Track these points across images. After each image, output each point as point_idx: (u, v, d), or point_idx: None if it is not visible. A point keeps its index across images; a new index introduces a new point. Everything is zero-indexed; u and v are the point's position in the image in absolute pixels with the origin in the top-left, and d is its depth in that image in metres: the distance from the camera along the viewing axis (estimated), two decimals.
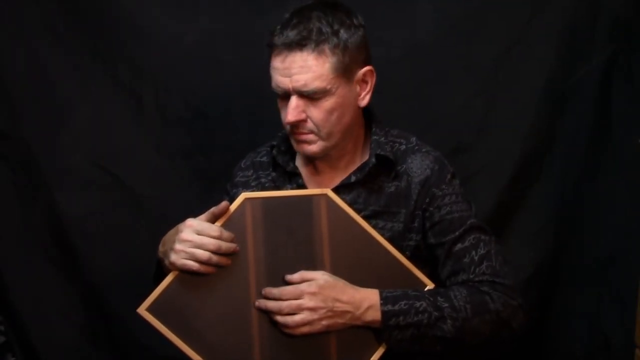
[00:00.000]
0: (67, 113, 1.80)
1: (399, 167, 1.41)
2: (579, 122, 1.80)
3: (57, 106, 1.80)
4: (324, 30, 1.30)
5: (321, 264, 1.28)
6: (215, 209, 1.24)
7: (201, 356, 1.21)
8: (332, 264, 1.29)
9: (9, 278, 1.78)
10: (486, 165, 1.82)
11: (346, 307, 1.25)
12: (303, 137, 1.35)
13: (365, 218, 1.34)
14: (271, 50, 1.33)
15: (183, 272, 1.22)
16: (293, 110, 1.32)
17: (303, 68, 1.29)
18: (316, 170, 1.44)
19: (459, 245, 1.36)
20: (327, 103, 1.32)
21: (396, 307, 1.27)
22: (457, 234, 1.36)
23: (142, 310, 1.20)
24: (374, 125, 1.44)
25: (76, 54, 1.79)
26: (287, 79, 1.30)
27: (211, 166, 1.84)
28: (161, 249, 1.30)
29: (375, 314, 1.27)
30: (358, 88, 1.37)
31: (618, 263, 1.69)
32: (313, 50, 1.29)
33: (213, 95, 1.83)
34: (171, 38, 1.80)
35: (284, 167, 1.44)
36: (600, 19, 1.77)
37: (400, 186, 1.40)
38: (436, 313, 1.27)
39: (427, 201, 1.39)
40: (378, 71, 1.39)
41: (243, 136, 1.81)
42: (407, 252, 1.37)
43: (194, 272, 1.22)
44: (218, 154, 1.83)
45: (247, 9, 1.80)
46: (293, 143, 1.39)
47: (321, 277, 1.26)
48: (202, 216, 1.25)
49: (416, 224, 1.39)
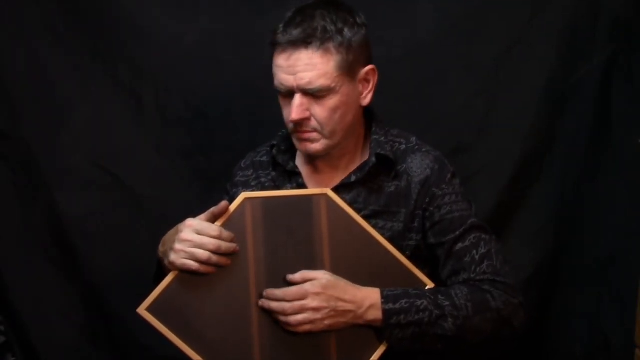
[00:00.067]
0: (67, 113, 1.80)
1: (399, 167, 1.41)
2: (579, 122, 1.80)
3: (57, 106, 1.79)
4: (329, 28, 1.30)
5: (321, 264, 1.28)
6: (215, 209, 1.24)
7: (201, 356, 1.21)
8: (332, 264, 1.29)
9: (9, 278, 1.78)
10: (486, 165, 1.82)
11: (348, 307, 1.25)
12: (306, 136, 1.35)
13: (365, 218, 1.34)
14: (274, 48, 1.33)
15: (183, 272, 1.22)
16: (297, 108, 1.31)
17: (308, 66, 1.29)
18: (316, 169, 1.44)
19: (460, 244, 1.36)
20: (331, 101, 1.32)
21: (397, 306, 1.26)
22: (458, 234, 1.36)
23: (142, 310, 1.20)
24: (374, 124, 1.44)
25: (76, 54, 1.78)
26: (292, 77, 1.30)
27: (211, 166, 1.83)
28: (161, 249, 1.29)
29: (376, 313, 1.26)
30: (360, 87, 1.37)
31: (618, 263, 1.69)
32: (318, 48, 1.29)
33: (213, 95, 1.83)
34: (171, 38, 1.80)
35: (284, 167, 1.44)
36: (600, 19, 1.77)
37: (400, 186, 1.40)
38: (437, 311, 1.27)
39: (428, 201, 1.39)
40: (379, 71, 1.39)
41: (243, 136, 1.81)
42: (407, 252, 1.37)
43: (194, 272, 1.21)
44: (218, 154, 1.82)
45: (247, 9, 1.80)
46: (295, 142, 1.39)
47: (323, 277, 1.25)
48: (202, 216, 1.25)
49: (416, 224, 1.39)
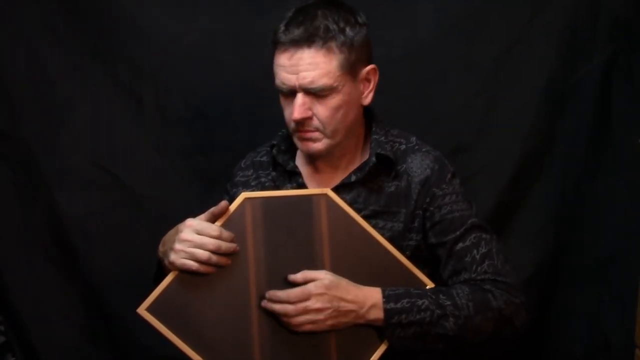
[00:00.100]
0: (67, 113, 1.80)
1: (399, 167, 1.41)
2: (579, 122, 1.80)
3: (57, 106, 1.79)
4: (331, 27, 1.29)
5: (321, 264, 1.28)
6: (214, 209, 1.24)
7: (201, 356, 1.21)
8: (332, 264, 1.28)
9: (9, 278, 1.78)
10: (486, 165, 1.82)
11: (350, 307, 1.25)
12: (308, 135, 1.35)
13: (365, 218, 1.34)
14: (275, 47, 1.33)
15: (183, 272, 1.22)
16: (299, 107, 1.31)
17: (311, 65, 1.29)
18: (316, 169, 1.44)
19: (460, 244, 1.36)
20: (334, 100, 1.32)
21: (398, 305, 1.26)
22: (458, 234, 1.36)
23: (142, 310, 1.20)
24: (374, 124, 1.43)
25: (76, 54, 1.78)
26: (294, 76, 1.30)
27: (211, 166, 1.83)
28: (161, 249, 1.29)
29: (378, 312, 1.26)
30: (361, 86, 1.37)
31: (618, 263, 1.69)
32: (321, 47, 1.29)
33: (213, 95, 1.83)
34: (171, 38, 1.80)
35: (284, 166, 1.44)
36: (600, 19, 1.77)
37: (400, 186, 1.40)
38: (438, 311, 1.27)
39: (428, 201, 1.38)
40: (379, 71, 1.39)
41: (243, 136, 1.81)
42: (407, 252, 1.37)
43: (194, 272, 1.21)
44: (218, 154, 1.82)
45: (247, 9, 1.79)
46: (297, 142, 1.38)
47: (325, 277, 1.25)
48: (202, 216, 1.24)
49: (416, 224, 1.39)
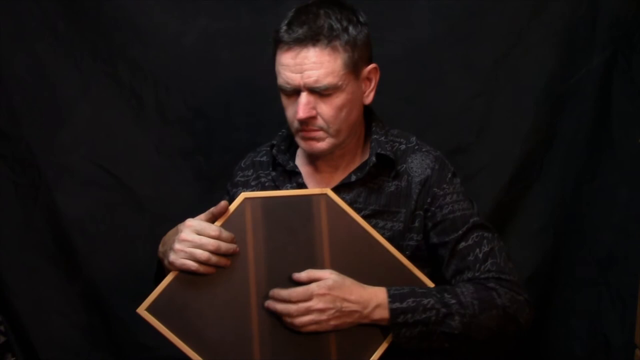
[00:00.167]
0: (67, 113, 1.80)
1: (399, 167, 1.41)
2: (579, 122, 1.80)
3: (57, 106, 1.80)
4: (335, 26, 1.29)
5: (321, 264, 1.28)
6: (214, 209, 1.24)
7: (201, 356, 1.21)
8: (332, 264, 1.28)
9: (9, 278, 1.78)
10: (486, 165, 1.82)
11: (354, 307, 1.25)
12: (312, 134, 1.34)
13: (365, 217, 1.34)
14: (278, 47, 1.32)
15: (182, 272, 1.22)
16: (304, 106, 1.31)
17: (315, 64, 1.28)
18: (316, 169, 1.44)
19: (463, 243, 1.36)
20: (338, 99, 1.32)
21: (404, 305, 1.26)
22: (460, 233, 1.36)
23: (142, 310, 1.20)
24: (374, 124, 1.43)
25: (76, 54, 1.79)
26: (298, 75, 1.29)
27: (211, 166, 1.83)
28: (161, 249, 1.29)
29: (383, 312, 1.26)
30: (363, 85, 1.37)
31: (618, 263, 1.69)
32: (326, 46, 1.29)
33: (213, 95, 1.82)
34: (171, 38, 1.80)
35: (284, 166, 1.44)
36: (600, 19, 1.76)
37: (400, 186, 1.40)
38: (444, 310, 1.26)
39: (429, 201, 1.38)
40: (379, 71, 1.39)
41: (243, 136, 1.81)
42: (407, 252, 1.37)
43: (194, 272, 1.21)
44: (218, 154, 1.83)
45: (247, 9, 1.79)
46: (299, 141, 1.38)
47: (330, 277, 1.25)
48: (202, 216, 1.24)
49: (417, 224, 1.39)
